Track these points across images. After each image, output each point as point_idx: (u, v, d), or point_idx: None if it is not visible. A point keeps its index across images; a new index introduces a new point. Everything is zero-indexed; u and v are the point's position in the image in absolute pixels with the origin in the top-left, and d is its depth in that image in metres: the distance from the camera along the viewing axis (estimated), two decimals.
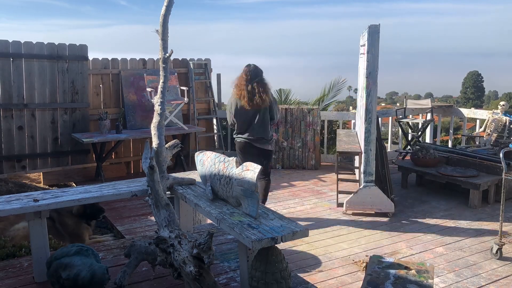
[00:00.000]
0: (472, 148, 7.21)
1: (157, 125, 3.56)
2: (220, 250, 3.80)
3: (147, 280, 3.28)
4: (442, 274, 3.80)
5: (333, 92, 10.93)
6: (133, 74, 7.09)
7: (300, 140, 7.40)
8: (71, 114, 6.54)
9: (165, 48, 3.53)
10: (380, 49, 4.93)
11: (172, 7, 3.51)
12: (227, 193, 3.20)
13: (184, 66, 7.72)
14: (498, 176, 5.67)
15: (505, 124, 7.26)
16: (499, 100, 15.81)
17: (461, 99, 61.29)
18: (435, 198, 5.79)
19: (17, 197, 3.37)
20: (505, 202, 5.67)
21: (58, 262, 2.96)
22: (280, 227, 2.80)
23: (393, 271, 3.00)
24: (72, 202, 3.37)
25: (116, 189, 3.59)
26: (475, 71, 63.81)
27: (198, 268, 2.68)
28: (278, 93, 10.99)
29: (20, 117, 6.18)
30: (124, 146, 7.14)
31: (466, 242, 4.47)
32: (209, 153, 3.52)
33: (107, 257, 3.65)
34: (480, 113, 8.41)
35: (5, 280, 3.26)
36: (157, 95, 3.58)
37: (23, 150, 6.24)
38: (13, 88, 6.08)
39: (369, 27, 4.88)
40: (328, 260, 4.07)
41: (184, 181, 3.73)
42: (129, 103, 6.94)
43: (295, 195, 6.05)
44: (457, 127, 16.34)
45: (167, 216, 3.09)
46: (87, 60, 6.65)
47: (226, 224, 2.87)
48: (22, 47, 6.11)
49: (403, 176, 6.32)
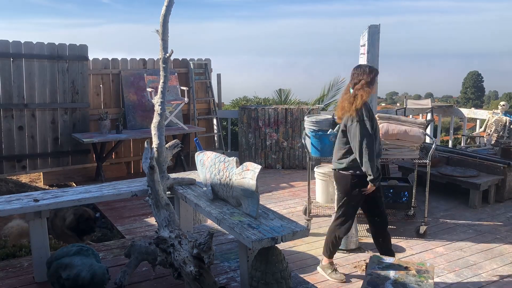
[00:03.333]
0: (472, 148, 7.22)
1: (157, 125, 3.56)
2: (220, 250, 3.81)
3: (147, 280, 3.28)
4: (442, 274, 3.80)
5: (332, 92, 10.94)
6: (133, 74, 7.09)
7: (300, 140, 7.40)
8: (71, 114, 6.55)
9: (165, 48, 3.54)
10: (379, 49, 4.94)
11: (172, 7, 3.51)
12: (227, 193, 3.20)
13: (184, 66, 7.72)
14: (498, 176, 5.68)
15: (505, 124, 7.26)
16: (499, 100, 15.81)
17: (461, 99, 61.24)
18: (435, 198, 5.78)
19: (17, 197, 3.37)
20: (505, 202, 5.70)
21: (58, 262, 2.96)
22: (280, 227, 2.80)
23: (393, 271, 3.01)
24: (72, 202, 3.38)
25: (116, 189, 3.59)
26: (475, 71, 63.76)
27: (198, 268, 2.69)
28: (278, 93, 11.01)
29: (20, 117, 6.18)
30: (124, 146, 7.15)
31: (466, 242, 4.47)
32: (209, 153, 3.52)
33: (107, 257, 3.65)
34: (480, 113, 8.41)
35: (5, 280, 3.26)
36: (157, 95, 3.58)
37: (23, 150, 6.24)
38: (13, 88, 6.09)
39: (369, 27, 4.88)
40: None
41: (184, 181, 3.73)
42: (129, 103, 6.94)
43: (295, 195, 6.05)
44: (457, 127, 16.34)
45: (167, 216, 3.09)
46: (87, 60, 6.66)
47: (226, 224, 2.87)
48: (22, 47, 6.11)
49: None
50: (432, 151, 4.66)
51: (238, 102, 11.32)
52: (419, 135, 4.54)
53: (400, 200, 4.80)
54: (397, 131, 4.51)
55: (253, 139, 7.48)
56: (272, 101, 11.03)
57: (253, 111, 7.45)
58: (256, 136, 7.47)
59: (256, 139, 7.48)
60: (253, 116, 7.43)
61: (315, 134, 4.62)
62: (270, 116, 7.40)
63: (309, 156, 4.70)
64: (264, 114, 7.41)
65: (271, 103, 10.77)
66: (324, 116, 4.99)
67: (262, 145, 7.47)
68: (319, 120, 4.75)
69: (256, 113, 7.43)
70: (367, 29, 4.91)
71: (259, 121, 7.42)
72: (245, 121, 7.47)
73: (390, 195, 4.79)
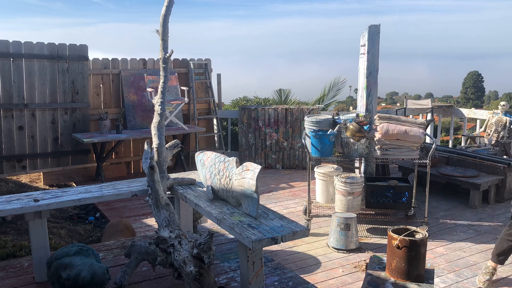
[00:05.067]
0: (472, 148, 7.22)
1: (157, 125, 3.56)
2: (220, 250, 3.80)
3: (147, 280, 3.28)
4: (442, 274, 3.80)
5: (333, 92, 10.94)
6: (133, 74, 7.09)
7: (300, 140, 7.40)
8: (71, 114, 6.55)
9: (165, 48, 3.53)
10: (379, 49, 4.94)
11: (172, 7, 3.51)
12: (227, 193, 3.20)
13: (184, 66, 7.72)
14: (498, 176, 5.68)
15: (506, 124, 7.26)
16: (500, 100, 15.81)
17: (461, 99, 61.26)
18: (435, 198, 5.79)
19: (17, 197, 3.37)
20: (505, 202, 5.70)
21: (58, 262, 2.96)
22: (280, 227, 2.80)
23: None
24: (72, 202, 3.37)
25: (116, 189, 3.59)
26: (475, 71, 63.76)
27: (198, 268, 2.68)
28: (278, 93, 11.00)
29: (20, 117, 6.18)
30: (124, 146, 7.15)
31: (466, 242, 4.47)
32: (209, 153, 3.52)
33: (107, 257, 3.65)
34: (480, 113, 8.41)
35: (5, 280, 3.26)
36: (157, 95, 3.58)
37: (23, 150, 6.24)
38: (14, 88, 6.09)
39: (369, 27, 4.88)
40: (328, 260, 4.08)
41: (184, 181, 3.73)
42: (129, 103, 6.94)
43: (295, 195, 6.06)
44: (457, 127, 16.35)
45: (167, 216, 3.09)
46: (88, 60, 6.66)
47: (226, 224, 2.87)
48: (22, 47, 6.11)
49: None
50: (432, 151, 4.66)
51: (238, 102, 11.32)
52: (419, 135, 4.54)
53: (400, 200, 4.80)
54: (397, 131, 4.51)
55: (253, 139, 7.48)
56: (272, 101, 11.03)
57: (253, 111, 7.45)
58: (256, 136, 7.47)
59: (256, 139, 7.48)
60: (253, 116, 7.43)
61: (315, 134, 4.62)
62: (270, 116, 7.40)
63: (309, 156, 4.70)
64: (264, 114, 7.41)
65: (271, 103, 10.76)
66: (324, 116, 5.00)
67: (262, 145, 7.47)
68: (319, 120, 4.75)
69: (256, 113, 7.43)
70: (367, 29, 4.91)
71: (259, 121, 7.43)
72: (245, 121, 7.47)
73: (390, 195, 4.79)
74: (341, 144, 4.75)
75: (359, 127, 4.54)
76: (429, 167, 4.65)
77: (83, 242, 4.57)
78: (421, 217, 4.81)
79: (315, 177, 5.33)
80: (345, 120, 4.72)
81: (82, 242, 4.54)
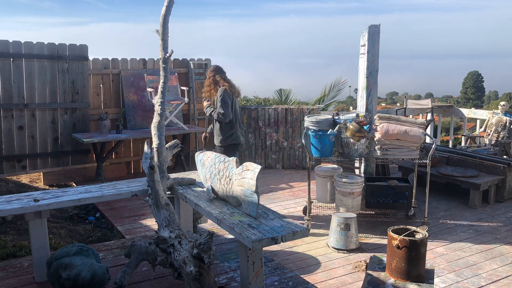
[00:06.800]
0: (472, 148, 7.22)
1: (157, 125, 3.56)
2: (220, 250, 3.81)
3: (147, 280, 3.28)
4: (442, 274, 3.80)
5: (333, 92, 10.94)
6: (134, 74, 7.09)
7: (300, 140, 7.40)
8: (71, 114, 6.55)
9: (165, 48, 3.53)
10: (379, 49, 4.94)
11: (172, 7, 3.51)
12: (227, 193, 3.20)
13: (184, 66, 7.72)
14: (498, 176, 5.68)
15: (506, 124, 7.26)
16: (500, 100, 15.81)
17: (461, 99, 61.27)
18: (435, 198, 5.79)
19: (17, 197, 3.37)
20: (505, 202, 5.70)
21: (58, 262, 2.96)
22: (280, 227, 2.80)
23: None
24: (73, 202, 3.37)
25: (116, 189, 3.59)
26: (475, 71, 63.77)
27: (198, 268, 2.69)
28: (278, 93, 10.99)
29: (20, 117, 6.18)
30: (124, 146, 7.15)
31: (466, 242, 4.47)
32: (209, 153, 3.52)
33: (107, 257, 3.65)
34: (480, 113, 8.41)
35: (5, 280, 3.26)
36: (157, 95, 3.58)
37: (23, 150, 6.24)
38: (14, 88, 6.09)
39: (369, 27, 4.88)
40: (328, 260, 4.07)
41: (184, 181, 3.73)
42: (129, 103, 6.94)
43: (295, 195, 6.05)
44: (457, 127, 16.35)
45: (167, 216, 3.09)
46: (87, 60, 6.66)
47: (226, 224, 2.87)
48: (22, 47, 6.11)
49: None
50: (432, 151, 4.66)
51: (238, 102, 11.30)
52: (419, 135, 4.54)
53: (400, 200, 4.80)
54: (397, 131, 4.51)
55: (253, 139, 7.48)
56: (272, 101, 11.02)
57: (253, 111, 7.45)
58: (256, 136, 7.47)
59: (256, 139, 7.48)
60: (253, 116, 7.43)
61: (315, 134, 4.62)
62: (270, 116, 7.40)
63: (309, 156, 4.70)
64: (264, 114, 7.41)
65: (271, 103, 10.76)
66: (324, 116, 4.99)
67: (262, 145, 7.47)
68: (319, 120, 4.75)
69: (256, 113, 7.43)
70: (367, 29, 4.91)
71: (259, 121, 7.43)
72: (245, 121, 7.47)
73: (390, 195, 4.79)
74: (341, 144, 4.75)
75: (359, 127, 4.54)
76: (429, 167, 4.65)
77: (83, 242, 4.57)
78: (421, 217, 4.81)
79: (315, 177, 5.33)
80: (345, 120, 4.72)
81: (82, 242, 4.54)
